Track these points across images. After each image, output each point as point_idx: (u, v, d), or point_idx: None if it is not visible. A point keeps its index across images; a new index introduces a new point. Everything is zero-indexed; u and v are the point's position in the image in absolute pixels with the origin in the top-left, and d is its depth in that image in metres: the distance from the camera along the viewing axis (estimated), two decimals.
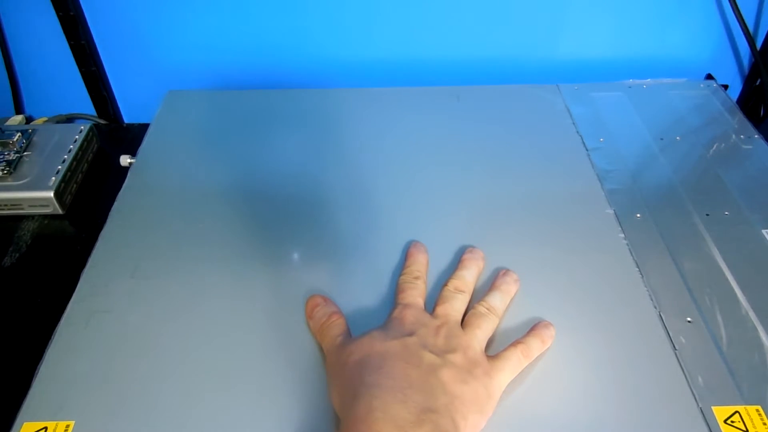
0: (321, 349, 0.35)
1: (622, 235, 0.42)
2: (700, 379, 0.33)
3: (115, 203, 0.45)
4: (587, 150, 0.50)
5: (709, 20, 0.62)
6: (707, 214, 0.43)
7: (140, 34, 0.63)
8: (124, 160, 0.50)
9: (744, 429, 0.31)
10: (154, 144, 0.51)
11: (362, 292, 0.38)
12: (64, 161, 0.53)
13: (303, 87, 0.57)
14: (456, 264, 0.39)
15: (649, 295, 0.37)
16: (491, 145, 0.50)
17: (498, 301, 0.36)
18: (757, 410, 0.31)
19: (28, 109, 0.70)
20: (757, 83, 0.64)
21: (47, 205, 0.51)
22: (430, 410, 0.28)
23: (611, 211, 0.44)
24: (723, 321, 0.36)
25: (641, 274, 0.39)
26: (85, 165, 0.56)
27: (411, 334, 0.32)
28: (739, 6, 0.58)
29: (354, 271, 0.39)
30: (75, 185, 0.54)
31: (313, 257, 0.40)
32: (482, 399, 0.30)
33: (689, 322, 0.36)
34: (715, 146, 0.50)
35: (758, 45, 0.62)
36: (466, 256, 0.39)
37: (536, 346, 0.34)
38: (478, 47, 0.64)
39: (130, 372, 0.34)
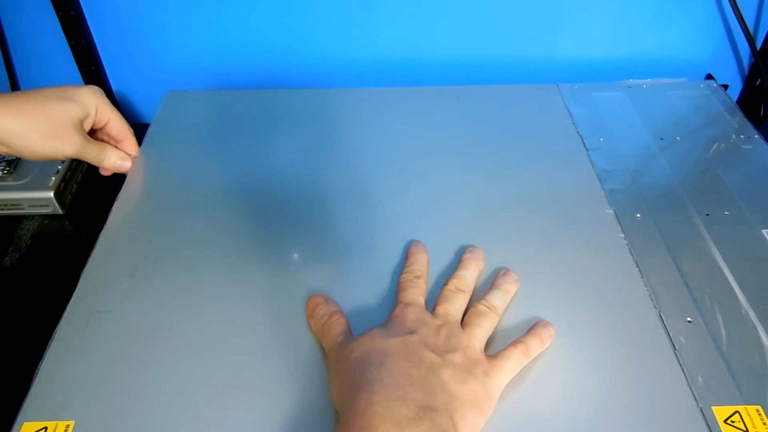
0: (322, 348, 0.35)
1: (622, 235, 0.42)
2: (700, 379, 0.33)
3: (115, 203, 0.45)
4: (587, 150, 0.50)
5: (709, 20, 0.62)
6: (707, 214, 0.43)
7: (140, 34, 0.63)
8: None
9: (744, 429, 0.31)
10: (154, 144, 0.51)
11: (363, 292, 0.38)
12: (63, 161, 0.53)
13: (303, 87, 0.57)
14: (456, 264, 0.39)
15: (649, 295, 0.37)
16: (491, 145, 0.50)
17: (498, 300, 0.36)
18: (757, 410, 0.31)
19: None
20: (757, 83, 0.64)
21: (47, 205, 0.51)
22: (429, 408, 0.28)
23: (611, 211, 0.44)
24: (723, 321, 0.36)
25: (641, 274, 0.39)
26: (85, 165, 0.56)
27: (412, 332, 0.32)
28: (739, 6, 0.58)
29: (354, 270, 0.39)
30: (75, 185, 0.54)
31: (313, 257, 0.40)
32: (481, 399, 0.30)
33: (689, 322, 0.36)
34: (715, 146, 0.50)
35: (758, 45, 0.62)
36: (466, 256, 0.39)
37: (536, 345, 0.34)
38: (478, 47, 0.64)
39: (130, 372, 0.34)
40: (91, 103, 0.44)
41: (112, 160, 0.47)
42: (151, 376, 0.33)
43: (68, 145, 0.43)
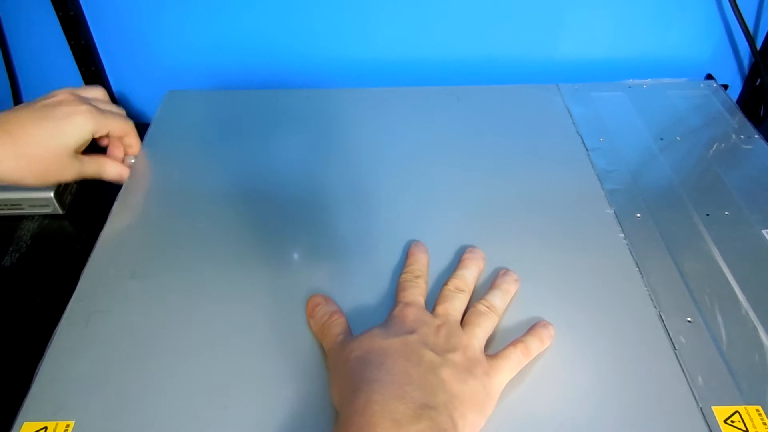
0: (322, 348, 0.35)
1: (622, 235, 0.42)
2: (700, 379, 0.33)
3: (115, 203, 0.45)
4: (587, 150, 0.50)
5: (709, 20, 0.62)
6: (707, 214, 0.43)
7: (140, 34, 0.63)
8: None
9: (744, 429, 0.31)
10: (154, 144, 0.51)
11: (363, 292, 0.38)
12: None
13: (303, 87, 0.57)
14: (456, 263, 0.39)
15: (649, 295, 0.37)
16: (491, 145, 0.50)
17: (498, 299, 0.36)
18: (757, 410, 0.31)
19: None
20: (757, 83, 0.64)
21: (47, 205, 0.51)
22: (428, 407, 0.28)
23: (611, 211, 0.44)
24: (723, 321, 0.36)
25: (641, 274, 0.39)
26: None
27: (412, 332, 0.32)
28: (739, 6, 0.58)
29: (354, 270, 0.39)
30: (75, 185, 0.54)
31: (313, 257, 0.40)
32: (481, 398, 0.30)
33: (689, 322, 0.36)
34: (715, 146, 0.50)
35: (758, 45, 0.62)
36: (466, 256, 0.39)
37: (535, 345, 0.34)
38: (478, 47, 0.64)
39: (130, 372, 0.34)
40: (85, 131, 0.43)
41: (110, 173, 0.47)
42: (151, 376, 0.33)
43: (64, 175, 0.43)
